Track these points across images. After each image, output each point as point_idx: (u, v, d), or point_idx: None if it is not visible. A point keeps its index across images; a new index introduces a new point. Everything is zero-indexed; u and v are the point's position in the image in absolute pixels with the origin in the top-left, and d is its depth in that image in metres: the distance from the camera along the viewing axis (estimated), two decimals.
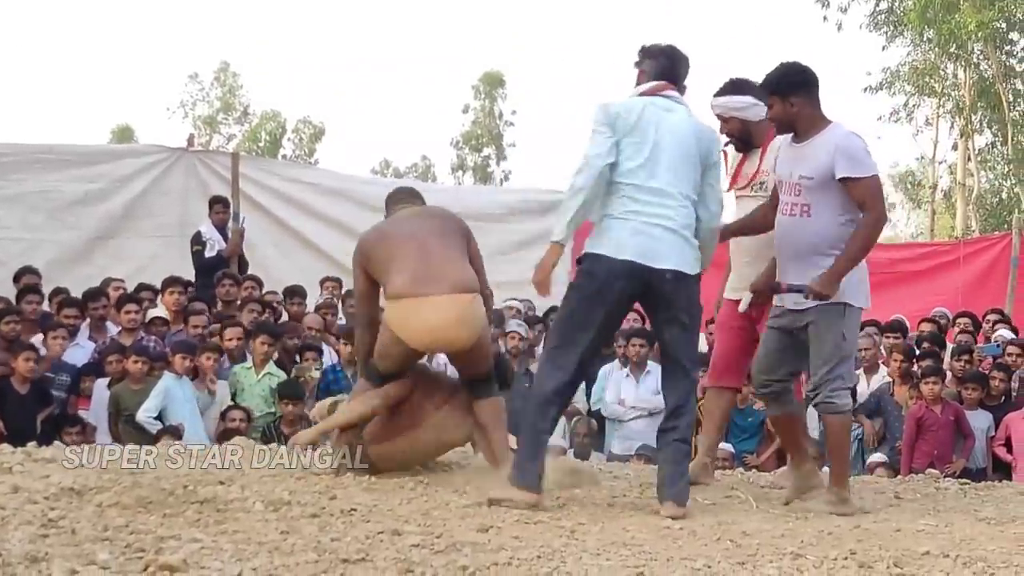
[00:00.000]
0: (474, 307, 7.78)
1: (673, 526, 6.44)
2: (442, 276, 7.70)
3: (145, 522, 5.92)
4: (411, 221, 8.10)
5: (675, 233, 7.03)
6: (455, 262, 7.82)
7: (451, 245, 7.92)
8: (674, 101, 7.28)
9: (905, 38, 38.15)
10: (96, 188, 16.11)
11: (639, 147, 7.04)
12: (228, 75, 57.23)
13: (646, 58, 7.50)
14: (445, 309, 7.65)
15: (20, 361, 11.69)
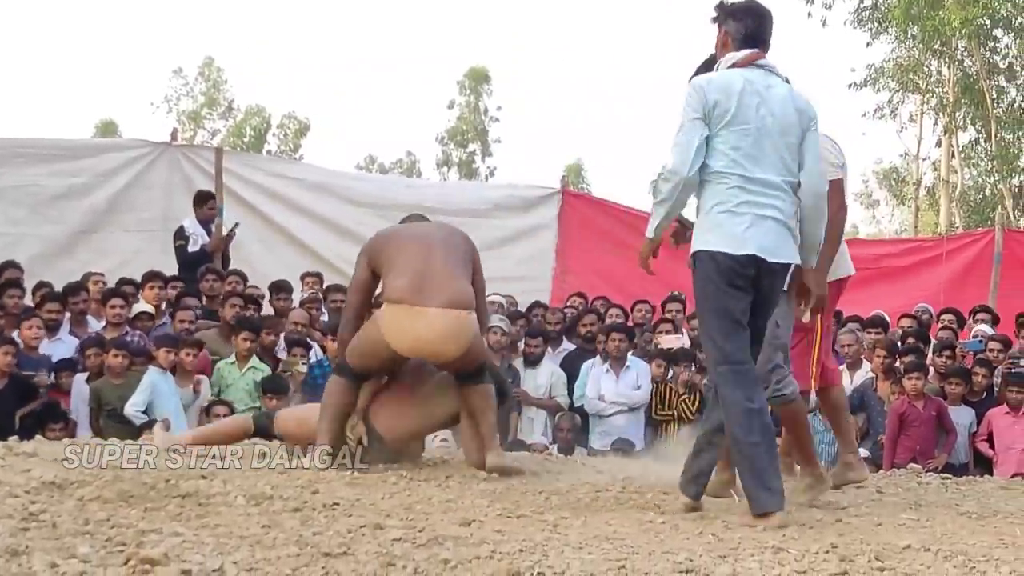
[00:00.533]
0: (465, 323, 7.88)
1: (656, 520, 6.45)
2: (440, 288, 7.81)
3: (126, 516, 5.90)
4: (423, 228, 8.34)
5: (783, 224, 6.72)
6: (455, 276, 7.94)
7: (454, 259, 8.04)
8: (770, 72, 6.89)
9: (889, 34, 38.16)
10: (79, 182, 16.07)
11: (742, 135, 6.66)
12: (213, 70, 57.13)
13: (729, 18, 7.03)
14: (437, 322, 7.75)
15: None
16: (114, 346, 12.19)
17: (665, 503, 7.08)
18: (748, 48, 6.89)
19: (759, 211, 6.64)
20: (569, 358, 13.93)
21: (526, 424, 13.41)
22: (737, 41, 6.94)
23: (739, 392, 6.56)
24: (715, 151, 6.67)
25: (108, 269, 14.82)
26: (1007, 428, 12.52)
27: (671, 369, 13.35)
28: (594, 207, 18.64)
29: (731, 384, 6.59)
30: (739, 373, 6.60)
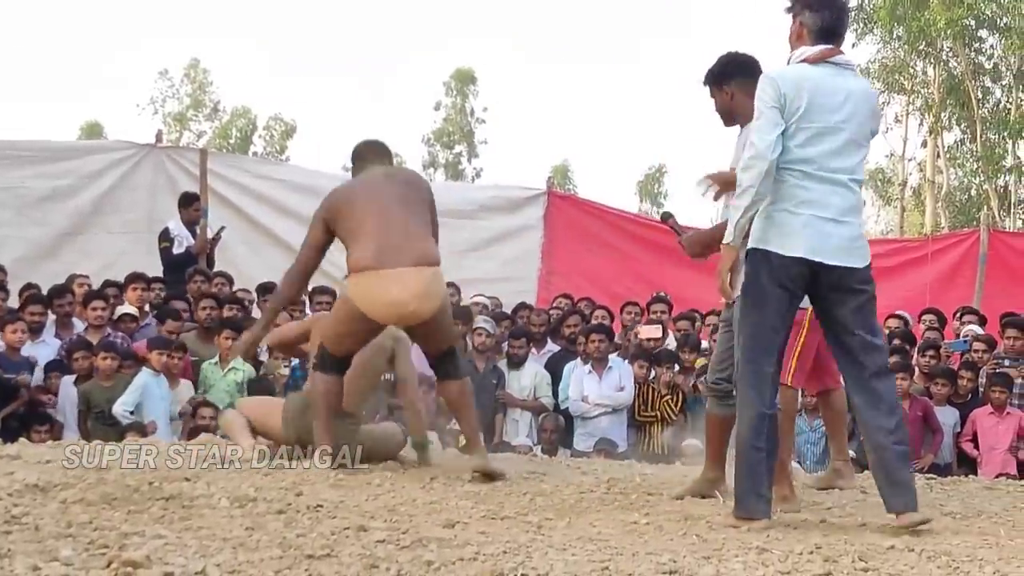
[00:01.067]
0: (436, 280, 7.85)
1: (640, 521, 6.45)
2: (406, 248, 7.73)
3: (109, 518, 5.90)
4: (380, 187, 8.06)
5: (844, 224, 6.56)
6: (419, 235, 7.86)
7: (416, 215, 7.94)
8: (845, 67, 6.72)
9: (875, 35, 38.29)
10: (64, 184, 16.02)
11: (810, 131, 6.52)
12: (198, 72, 57.11)
13: (806, 9, 6.83)
14: (409, 280, 7.68)
15: None
16: (103, 348, 12.19)
17: (649, 504, 7.09)
18: (823, 42, 6.74)
19: (819, 212, 6.53)
20: (553, 359, 13.93)
21: (511, 425, 13.41)
22: (813, 34, 6.77)
23: (754, 394, 6.53)
24: (782, 146, 6.55)
25: (93, 271, 14.81)
26: (991, 428, 12.56)
27: (653, 369, 13.36)
28: (580, 208, 18.64)
29: (749, 384, 6.56)
30: (759, 375, 6.55)
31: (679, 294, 16.20)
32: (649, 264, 17.67)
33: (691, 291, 16.64)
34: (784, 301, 6.55)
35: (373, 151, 8.44)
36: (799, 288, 6.57)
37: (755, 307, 6.59)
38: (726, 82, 7.33)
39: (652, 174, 58.60)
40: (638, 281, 17.16)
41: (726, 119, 7.46)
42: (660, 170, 58.80)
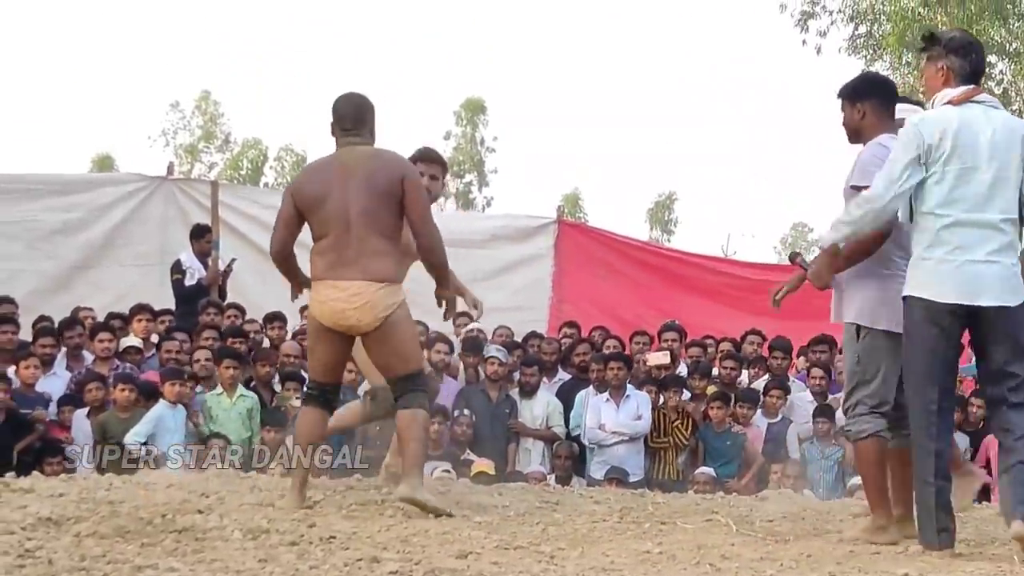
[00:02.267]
0: (380, 294, 7.64)
1: (653, 551, 6.44)
2: (357, 263, 7.63)
3: (123, 552, 5.90)
4: (346, 184, 7.72)
5: (995, 264, 6.62)
6: (372, 252, 7.64)
7: (375, 225, 7.67)
8: (989, 105, 6.78)
9: (884, 61, 38.23)
10: (75, 217, 16.08)
11: (956, 173, 6.57)
12: (209, 103, 57.29)
13: (950, 53, 6.85)
14: (350, 292, 7.60)
15: None
16: (121, 380, 12.22)
17: (662, 533, 7.08)
18: (968, 84, 6.80)
19: (970, 255, 6.59)
20: (564, 388, 13.91)
21: (523, 455, 13.39)
22: (959, 77, 6.82)
23: (923, 435, 6.68)
24: (929, 191, 6.63)
25: (105, 303, 14.83)
26: None
27: (661, 395, 13.34)
28: (590, 236, 18.65)
29: (920, 427, 6.71)
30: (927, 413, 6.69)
31: (691, 321, 16.20)
32: (660, 291, 17.67)
33: (703, 318, 16.66)
34: (942, 342, 6.66)
35: (348, 120, 7.95)
36: (956, 332, 6.70)
37: (917, 356, 6.71)
38: (860, 100, 7.27)
39: (662, 201, 58.66)
40: (649, 309, 17.16)
41: (852, 136, 7.41)
42: (670, 197, 58.88)
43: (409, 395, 7.72)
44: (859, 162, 7.08)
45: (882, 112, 7.22)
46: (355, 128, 7.89)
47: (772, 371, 14.12)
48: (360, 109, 7.97)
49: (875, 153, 7.02)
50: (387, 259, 7.71)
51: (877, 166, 6.86)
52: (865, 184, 6.88)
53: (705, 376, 13.85)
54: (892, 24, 36.12)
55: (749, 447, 13.05)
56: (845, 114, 7.36)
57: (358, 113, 7.95)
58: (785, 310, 16.97)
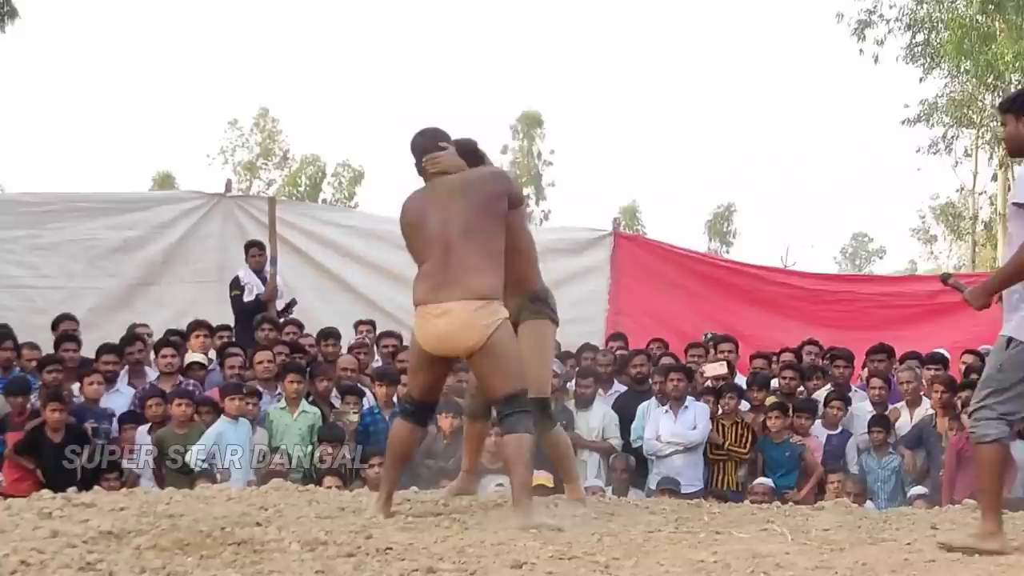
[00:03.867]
0: (480, 312, 7.59)
1: (707, 560, 6.45)
2: (456, 282, 7.60)
3: (182, 563, 5.97)
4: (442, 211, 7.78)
5: None
6: (472, 268, 7.62)
7: (474, 244, 7.68)
8: None
9: (942, 69, 38.11)
10: (135, 235, 16.26)
11: None
12: (267, 120, 57.58)
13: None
14: (451, 313, 7.57)
15: (48, 412, 11.74)
16: (177, 396, 12.32)
17: (717, 543, 7.08)
18: None
19: None
20: (621, 399, 13.89)
21: (579, 467, 13.38)
22: None
23: None
24: None
25: (165, 320, 15.00)
26: None
27: (718, 405, 13.31)
28: (646, 248, 18.62)
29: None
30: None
31: (748, 333, 16.18)
32: (717, 303, 17.63)
33: (760, 330, 16.62)
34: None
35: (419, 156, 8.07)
36: None
37: None
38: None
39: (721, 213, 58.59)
40: (707, 321, 17.11)
41: (1016, 150, 7.34)
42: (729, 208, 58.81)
43: (513, 417, 7.64)
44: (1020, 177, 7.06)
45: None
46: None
47: (834, 380, 14.06)
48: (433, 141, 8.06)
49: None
50: (487, 276, 7.70)
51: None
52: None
53: (764, 387, 13.80)
54: (950, 32, 35.98)
55: (808, 457, 13.00)
56: (1009, 127, 7.24)
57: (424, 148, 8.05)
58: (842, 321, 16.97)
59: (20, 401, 12.02)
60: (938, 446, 12.68)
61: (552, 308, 8.33)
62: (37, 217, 15.98)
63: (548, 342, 8.31)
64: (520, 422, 7.63)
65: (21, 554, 5.92)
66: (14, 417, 11.94)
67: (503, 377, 7.68)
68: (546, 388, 8.26)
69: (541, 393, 8.12)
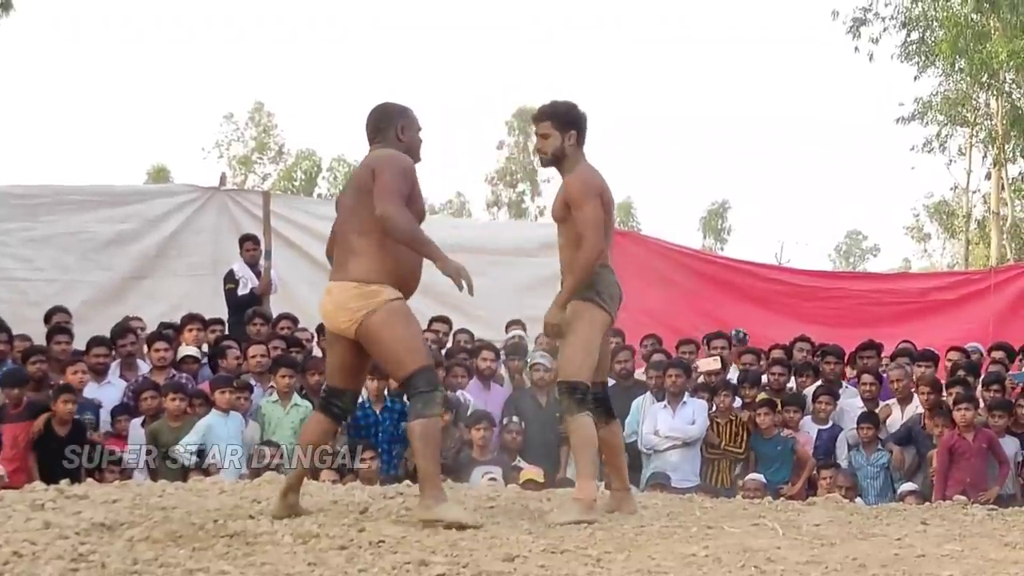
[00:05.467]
0: (351, 295, 7.44)
1: (699, 554, 6.46)
2: (341, 264, 7.58)
3: (175, 556, 5.99)
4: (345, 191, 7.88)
5: None
6: (353, 251, 7.53)
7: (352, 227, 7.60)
8: None
9: (937, 68, 38.09)
10: (128, 228, 16.25)
11: None
12: (263, 115, 57.55)
13: None
14: (330, 293, 7.55)
15: (60, 404, 11.75)
16: (171, 390, 12.32)
17: (709, 537, 7.11)
18: None
19: None
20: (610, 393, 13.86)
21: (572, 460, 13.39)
22: None
23: None
24: None
25: (159, 314, 14.98)
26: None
27: (713, 402, 13.33)
28: (641, 245, 18.61)
29: None
30: None
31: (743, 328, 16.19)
32: (712, 299, 17.65)
33: (753, 327, 16.63)
34: None
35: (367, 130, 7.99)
36: None
37: None
38: None
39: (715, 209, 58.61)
40: (701, 317, 17.13)
41: None
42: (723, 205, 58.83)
43: (411, 402, 7.52)
44: None
45: None
46: (375, 137, 7.86)
47: (825, 376, 14.09)
48: (373, 119, 7.93)
49: None
50: (364, 259, 7.51)
51: None
52: None
53: (755, 384, 13.82)
54: (945, 30, 35.99)
55: (800, 451, 13.02)
56: None
57: (372, 123, 7.92)
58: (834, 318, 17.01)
59: (16, 393, 11.98)
60: (927, 444, 12.73)
61: (599, 292, 8.15)
62: (30, 209, 15.97)
63: (583, 325, 8.08)
64: (413, 408, 7.45)
65: (13, 545, 5.94)
66: (10, 409, 11.92)
67: (392, 363, 7.53)
68: (582, 372, 8.05)
69: (574, 376, 8.03)
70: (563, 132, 8.15)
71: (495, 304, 15.22)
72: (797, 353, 14.91)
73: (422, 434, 7.37)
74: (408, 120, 7.92)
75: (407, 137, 7.87)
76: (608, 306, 8.19)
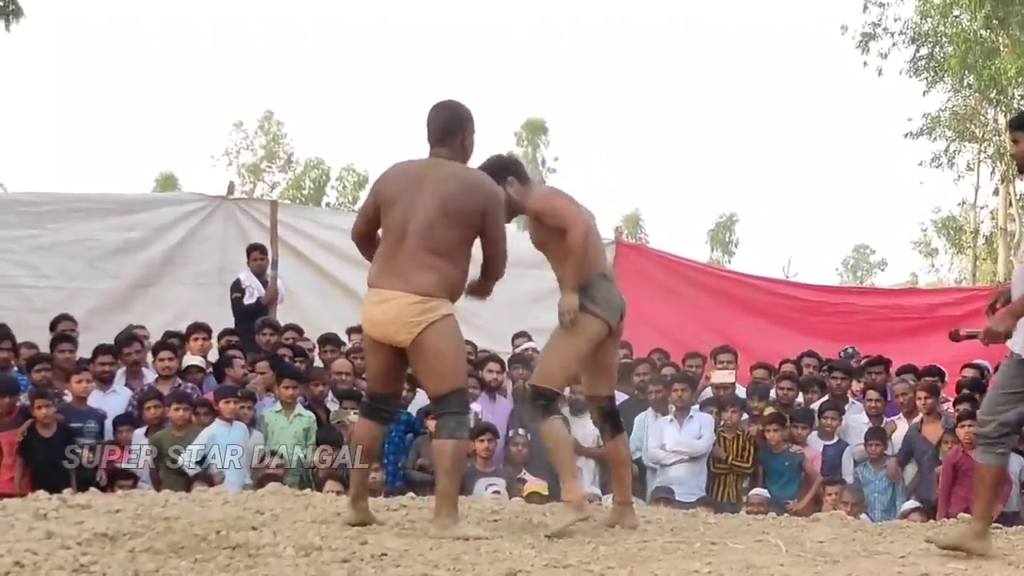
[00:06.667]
0: (414, 308, 7.38)
1: (701, 570, 6.44)
2: (402, 273, 7.43)
3: (176, 567, 5.98)
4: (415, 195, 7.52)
5: None
6: (421, 264, 7.42)
7: (431, 241, 7.44)
8: None
9: (945, 83, 38.10)
10: (135, 236, 16.24)
11: None
12: (272, 123, 57.54)
13: None
14: (388, 303, 7.41)
15: (35, 410, 11.81)
16: (175, 399, 12.31)
17: (712, 553, 7.09)
18: None
19: None
20: (621, 408, 13.80)
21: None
22: None
23: None
24: None
25: (165, 322, 14.96)
26: None
27: (721, 416, 13.30)
28: (648, 258, 18.61)
29: None
30: None
31: (748, 344, 16.17)
32: (718, 313, 17.62)
33: (760, 341, 16.61)
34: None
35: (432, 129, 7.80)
36: None
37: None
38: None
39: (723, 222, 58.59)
40: (708, 331, 17.09)
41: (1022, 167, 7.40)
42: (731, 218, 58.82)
43: (443, 419, 7.48)
44: None
45: None
46: (440, 140, 7.73)
47: (831, 391, 14.06)
48: (445, 118, 7.77)
49: None
50: (433, 274, 7.43)
51: None
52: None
53: (763, 397, 13.81)
54: (954, 46, 35.97)
55: (808, 467, 13.00)
56: (1020, 145, 7.27)
57: (443, 123, 7.76)
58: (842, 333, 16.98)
59: (7, 401, 11.95)
60: (928, 452, 12.72)
61: (597, 301, 8.14)
62: (37, 217, 15.97)
63: (569, 333, 8.04)
64: (446, 426, 7.43)
65: (15, 555, 5.94)
66: (2, 417, 11.91)
67: (434, 377, 7.50)
68: (553, 379, 8.08)
69: (543, 382, 8.05)
70: (502, 181, 8.03)
71: (501, 316, 15.22)
72: (804, 369, 14.88)
73: (454, 455, 7.41)
74: (473, 127, 7.86)
75: (469, 145, 7.83)
76: (604, 314, 8.18)
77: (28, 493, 8.80)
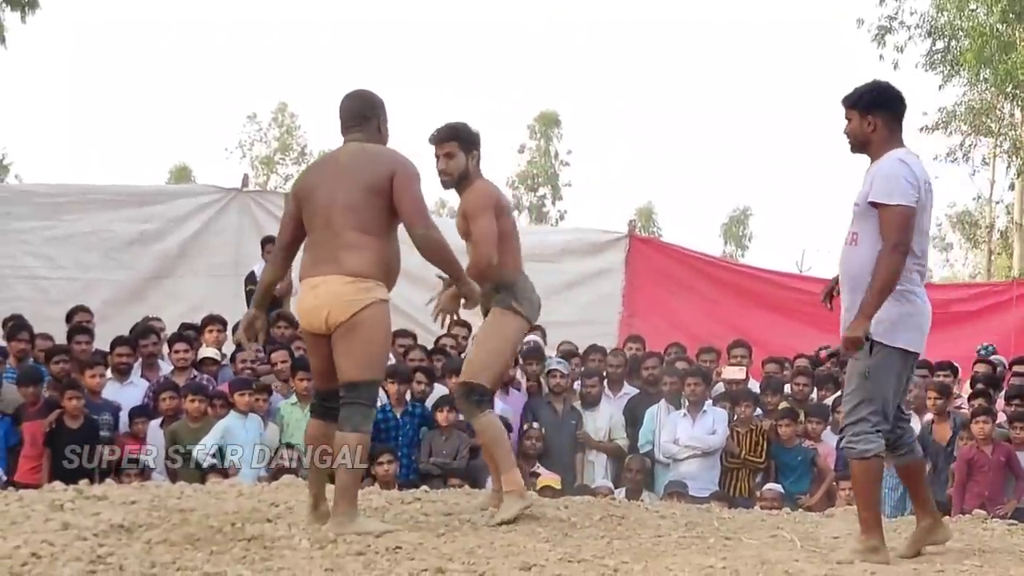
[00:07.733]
0: (349, 287, 7.26)
1: (716, 566, 6.45)
2: (332, 257, 7.32)
3: (192, 559, 6.00)
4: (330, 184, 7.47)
5: None
6: (351, 245, 7.31)
7: (351, 223, 7.35)
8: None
9: (961, 77, 37.94)
10: (151, 228, 16.30)
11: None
12: (286, 116, 57.51)
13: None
14: (320, 286, 7.31)
15: (67, 400, 11.84)
16: (191, 391, 12.37)
17: (727, 548, 7.09)
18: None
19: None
20: (632, 401, 13.86)
21: (587, 467, 13.39)
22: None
23: None
24: None
25: (179, 314, 14.98)
26: None
27: (734, 411, 13.29)
28: (661, 251, 18.62)
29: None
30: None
31: (762, 338, 16.15)
32: (732, 307, 17.61)
33: (774, 336, 16.59)
34: None
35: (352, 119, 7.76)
36: None
37: None
38: (872, 112, 7.16)
39: (737, 216, 58.43)
40: (721, 325, 17.08)
41: (858, 146, 7.27)
42: (745, 212, 58.63)
43: (350, 410, 7.29)
44: (878, 176, 6.98)
45: (894, 126, 7.19)
46: (355, 125, 7.71)
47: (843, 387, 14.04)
48: (359, 106, 7.78)
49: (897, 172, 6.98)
50: (365, 253, 7.32)
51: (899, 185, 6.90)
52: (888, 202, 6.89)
53: (777, 392, 13.80)
54: (970, 40, 35.82)
55: (821, 463, 12.98)
56: (852, 123, 7.22)
57: (356, 110, 7.76)
58: None
59: (33, 391, 12.02)
60: (939, 450, 12.69)
61: (520, 300, 8.21)
62: (53, 208, 16.04)
63: (498, 332, 8.16)
64: (351, 418, 7.27)
65: (32, 546, 5.97)
66: (28, 407, 11.96)
67: (353, 362, 7.30)
68: (483, 375, 8.07)
69: (474, 378, 8.05)
70: (467, 152, 8.20)
71: None
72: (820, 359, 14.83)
73: (359, 448, 7.23)
74: (386, 115, 7.85)
75: (385, 131, 7.81)
76: (527, 312, 8.30)
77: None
